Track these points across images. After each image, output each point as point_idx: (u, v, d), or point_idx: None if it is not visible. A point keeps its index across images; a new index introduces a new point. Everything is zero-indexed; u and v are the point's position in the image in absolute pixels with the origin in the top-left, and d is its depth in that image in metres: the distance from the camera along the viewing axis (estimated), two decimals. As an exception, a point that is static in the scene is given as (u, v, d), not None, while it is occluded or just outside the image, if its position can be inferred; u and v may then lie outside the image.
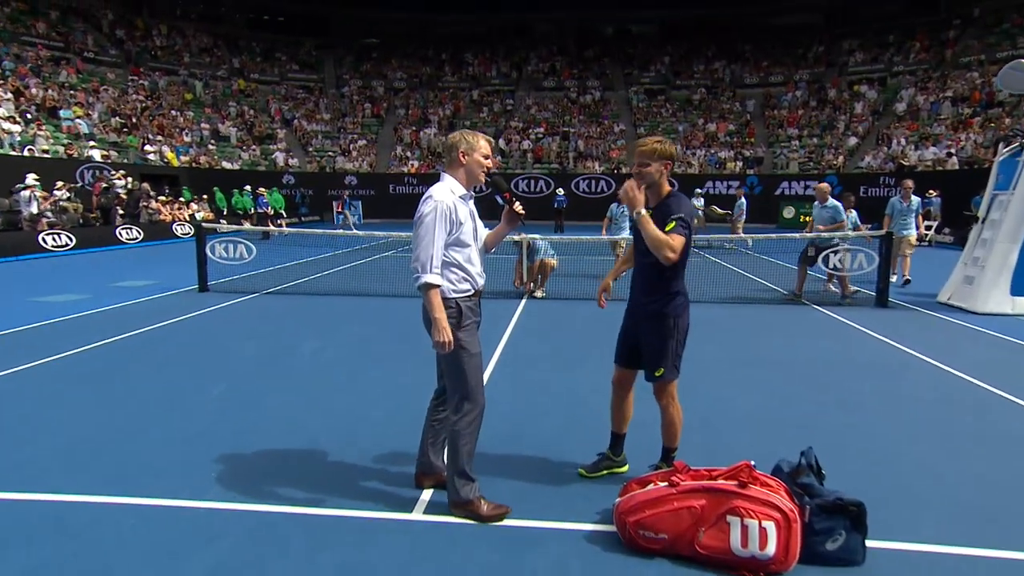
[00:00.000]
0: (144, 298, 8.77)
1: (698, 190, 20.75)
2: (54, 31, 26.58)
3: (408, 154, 32.52)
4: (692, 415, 4.12)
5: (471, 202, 2.91)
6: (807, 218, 24.67)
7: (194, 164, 25.52)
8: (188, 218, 19.48)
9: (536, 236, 9.38)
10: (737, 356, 5.96)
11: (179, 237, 18.68)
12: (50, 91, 22.21)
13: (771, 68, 35.43)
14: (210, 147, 27.50)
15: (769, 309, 8.41)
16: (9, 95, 20.43)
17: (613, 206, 10.44)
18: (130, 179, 19.39)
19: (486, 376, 5.09)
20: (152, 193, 19.44)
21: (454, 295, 2.79)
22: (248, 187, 21.71)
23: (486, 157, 2.87)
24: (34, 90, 21.90)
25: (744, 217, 16.76)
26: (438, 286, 2.69)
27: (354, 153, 32.56)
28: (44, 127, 20.25)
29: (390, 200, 29.61)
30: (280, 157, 30.54)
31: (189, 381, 5.03)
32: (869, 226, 9.79)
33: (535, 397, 4.68)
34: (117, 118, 23.71)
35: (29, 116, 20.42)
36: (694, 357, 5.86)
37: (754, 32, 38.30)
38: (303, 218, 27.65)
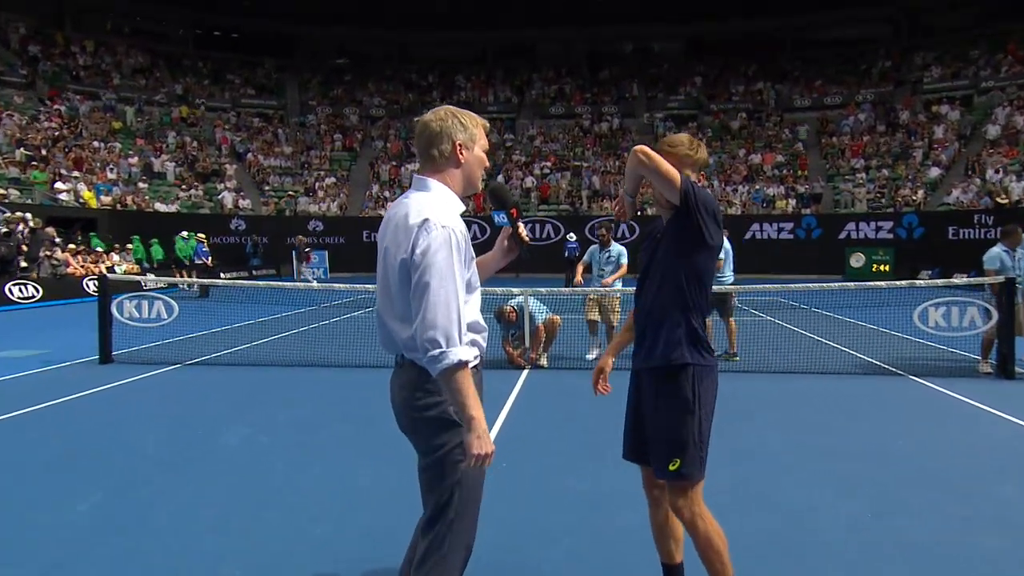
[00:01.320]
0: (24, 372, 8.32)
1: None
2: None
3: (387, 194, 32.65)
4: (761, 531, 3.66)
5: None
6: (882, 267, 24.59)
7: (119, 206, 25.49)
8: (106, 271, 19.15)
9: (517, 291, 9.16)
10: (814, 444, 5.44)
11: (92, 295, 18.23)
12: (-64, 118, 22.41)
13: (827, 88, 36.04)
14: (140, 185, 27.56)
15: (847, 381, 8.00)
16: None
17: (593, 248, 9.81)
18: (29, 217, 19.07)
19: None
20: (58, 240, 19.17)
21: None
22: (185, 233, 21.51)
23: (487, 152, 2.47)
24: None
25: (731, 265, 15.48)
26: (469, 362, 2.14)
27: (320, 193, 32.73)
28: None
29: (363, 249, 29.33)
30: (228, 198, 30.62)
31: (49, 490, 4.46)
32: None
33: (539, 507, 4.21)
34: (23, 149, 23.79)
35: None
36: (751, 445, 5.43)
37: (804, 46, 39.23)
38: (254, 271, 27.38)
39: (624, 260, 9.43)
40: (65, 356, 9.29)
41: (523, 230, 2.60)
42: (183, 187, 29.78)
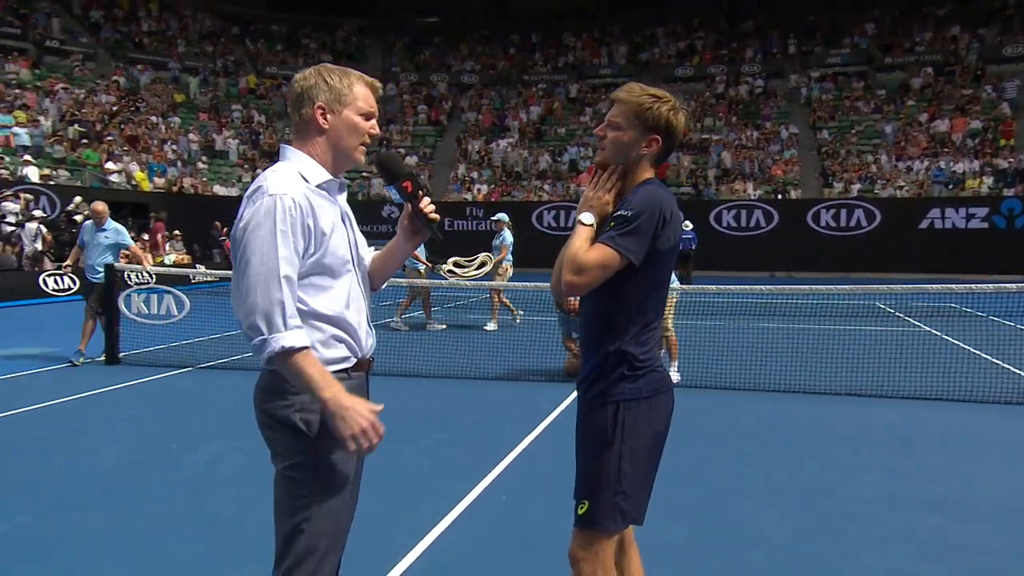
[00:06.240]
0: (19, 373, 8.85)
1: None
2: (11, 15, 29.53)
3: (475, 175, 32.95)
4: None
5: (342, 197, 2.51)
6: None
7: (174, 188, 26.89)
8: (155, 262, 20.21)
9: None
10: (911, 494, 5.01)
11: (135, 287, 19.30)
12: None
13: (1048, 30, 33.05)
14: (200, 166, 29.07)
15: (984, 411, 7.41)
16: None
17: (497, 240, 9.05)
18: (77, 200, 20.35)
19: (459, 510, 4.63)
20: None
21: None
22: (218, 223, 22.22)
23: (367, 117, 2.45)
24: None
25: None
26: (307, 347, 2.22)
27: (400, 174, 33.39)
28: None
29: (449, 240, 29.56)
30: (295, 179, 31.77)
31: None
32: None
33: (531, 552, 4.14)
34: (76, 126, 25.58)
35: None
36: (830, 485, 5.08)
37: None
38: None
39: None
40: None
41: (427, 204, 2.55)
42: (246, 167, 31.12)
